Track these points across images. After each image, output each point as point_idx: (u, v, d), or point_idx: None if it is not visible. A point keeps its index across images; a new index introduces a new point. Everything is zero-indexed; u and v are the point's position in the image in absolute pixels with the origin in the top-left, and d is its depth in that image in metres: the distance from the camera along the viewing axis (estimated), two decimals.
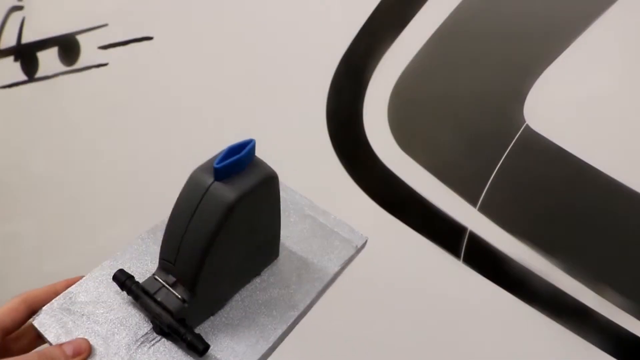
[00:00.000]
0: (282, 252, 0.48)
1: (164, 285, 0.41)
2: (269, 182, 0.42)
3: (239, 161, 0.39)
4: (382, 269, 0.79)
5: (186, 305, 0.40)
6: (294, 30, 0.86)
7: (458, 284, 0.74)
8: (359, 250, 0.50)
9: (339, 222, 0.51)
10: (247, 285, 0.46)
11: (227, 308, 0.44)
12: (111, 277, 0.43)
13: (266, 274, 0.47)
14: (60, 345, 0.39)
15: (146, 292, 0.41)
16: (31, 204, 1.12)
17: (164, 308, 0.40)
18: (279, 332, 0.43)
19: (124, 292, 0.43)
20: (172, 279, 0.41)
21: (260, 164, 0.42)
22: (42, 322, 0.41)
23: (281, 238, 0.48)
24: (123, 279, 0.42)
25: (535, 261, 0.69)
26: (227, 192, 0.38)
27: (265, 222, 0.44)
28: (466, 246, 0.73)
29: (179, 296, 0.40)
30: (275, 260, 0.48)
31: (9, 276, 1.11)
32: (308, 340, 0.82)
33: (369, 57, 0.79)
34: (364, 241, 0.51)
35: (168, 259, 0.41)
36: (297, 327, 0.46)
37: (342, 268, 0.48)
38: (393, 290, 0.79)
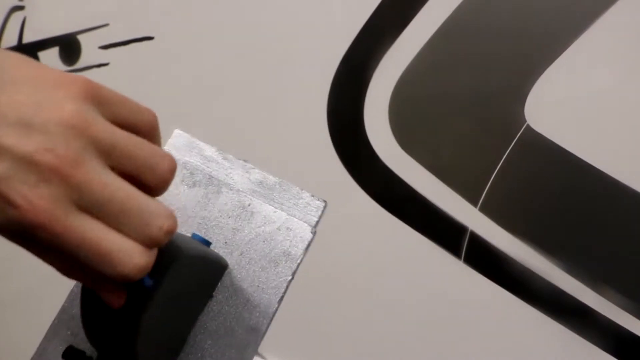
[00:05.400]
0: (232, 256, 0.43)
1: None
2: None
3: None
4: (382, 269, 0.79)
5: None
6: (294, 29, 0.86)
7: (459, 284, 0.74)
8: (316, 228, 0.44)
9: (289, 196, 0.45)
10: (201, 317, 0.42)
11: (189, 348, 0.41)
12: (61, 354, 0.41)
13: (219, 292, 0.42)
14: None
15: None
16: None
17: None
18: None
19: None
20: None
21: None
22: None
23: (230, 236, 0.43)
24: (75, 356, 0.40)
25: (536, 261, 0.69)
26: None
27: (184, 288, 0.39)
28: (467, 246, 0.73)
29: None
30: (227, 272, 0.43)
31: (9, 275, 1.11)
32: (304, 341, 0.82)
33: (370, 57, 0.79)
34: (320, 212, 0.45)
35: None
36: (291, 330, 0.43)
37: (300, 262, 0.43)
38: (393, 290, 0.79)
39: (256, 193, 0.45)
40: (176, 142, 0.48)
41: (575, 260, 0.68)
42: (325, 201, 0.45)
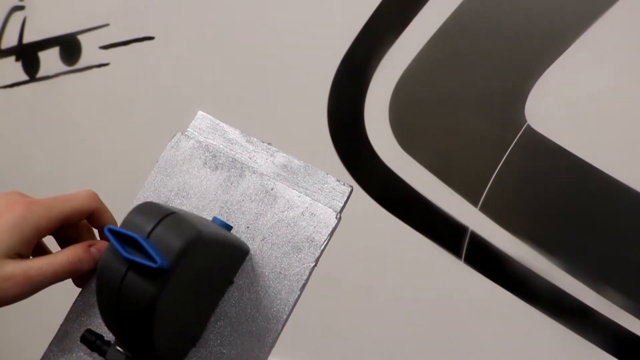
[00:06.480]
0: (254, 242, 0.42)
1: (127, 356, 0.38)
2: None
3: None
4: (382, 269, 0.79)
5: None
6: (295, 30, 0.86)
7: (459, 284, 0.74)
8: (339, 217, 0.43)
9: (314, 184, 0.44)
10: (221, 303, 0.41)
11: (208, 335, 0.41)
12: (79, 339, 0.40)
13: (240, 278, 0.41)
14: (89, 246, 0.41)
15: None
16: None
17: None
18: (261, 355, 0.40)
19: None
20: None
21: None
22: None
23: (252, 220, 0.42)
24: (93, 340, 0.39)
25: (536, 261, 0.69)
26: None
27: (210, 263, 0.38)
28: (467, 246, 0.73)
29: None
30: (248, 257, 0.42)
31: None
32: (304, 342, 0.82)
33: (370, 57, 0.79)
34: (345, 198, 0.44)
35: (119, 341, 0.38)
36: (293, 330, 0.43)
37: (324, 248, 0.42)
38: (393, 290, 0.79)
39: (280, 177, 0.44)
40: (199, 124, 0.48)
41: (575, 260, 0.68)
42: (351, 186, 0.44)
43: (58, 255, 0.40)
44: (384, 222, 0.78)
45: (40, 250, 0.43)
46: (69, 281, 0.44)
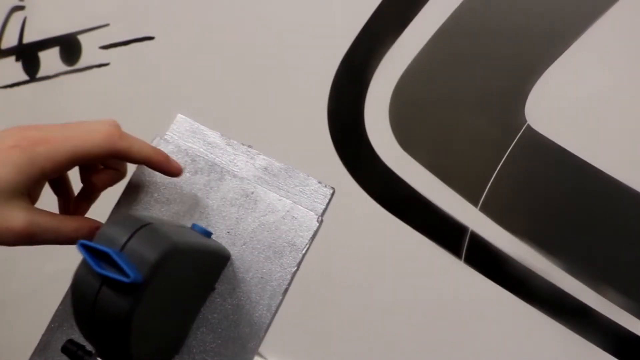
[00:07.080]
0: (235, 247, 0.42)
1: None
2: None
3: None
4: (383, 269, 0.79)
5: None
6: (295, 30, 0.86)
7: (459, 284, 0.74)
8: (322, 219, 0.43)
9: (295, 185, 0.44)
10: (203, 309, 0.41)
11: (191, 342, 0.41)
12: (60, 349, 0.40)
13: (222, 284, 0.41)
14: (96, 228, 0.40)
15: None
16: None
17: None
18: None
19: None
20: None
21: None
22: None
23: (233, 225, 0.42)
24: (74, 350, 0.39)
25: (536, 261, 0.69)
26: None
27: (190, 272, 0.38)
28: (467, 246, 0.73)
29: None
30: (229, 263, 0.42)
31: (10, 276, 1.11)
32: (303, 341, 0.82)
33: (370, 57, 0.79)
34: (328, 200, 0.44)
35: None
36: (293, 330, 0.43)
37: (305, 252, 0.42)
38: (393, 290, 0.79)
39: (260, 180, 0.44)
40: (179, 128, 0.47)
41: (575, 260, 0.68)
42: (333, 188, 0.43)
43: (67, 221, 0.40)
44: (384, 222, 0.78)
45: (61, 183, 0.44)
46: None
